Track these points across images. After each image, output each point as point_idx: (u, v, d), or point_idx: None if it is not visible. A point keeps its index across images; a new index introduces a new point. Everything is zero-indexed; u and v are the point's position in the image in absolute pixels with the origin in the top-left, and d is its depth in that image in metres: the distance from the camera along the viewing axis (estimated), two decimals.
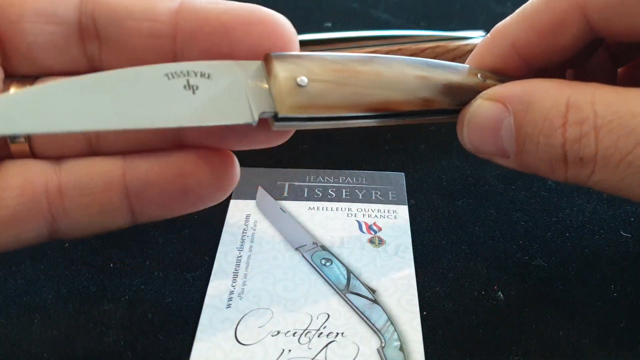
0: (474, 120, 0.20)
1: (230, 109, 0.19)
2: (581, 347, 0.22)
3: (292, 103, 0.19)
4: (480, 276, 0.25)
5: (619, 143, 0.17)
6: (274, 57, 0.20)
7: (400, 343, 0.22)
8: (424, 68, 0.21)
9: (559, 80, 0.19)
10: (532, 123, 0.18)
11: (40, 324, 0.23)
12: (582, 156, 0.17)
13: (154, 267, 0.25)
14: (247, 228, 0.27)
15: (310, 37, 0.34)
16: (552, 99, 0.18)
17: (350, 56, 0.21)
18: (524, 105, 0.19)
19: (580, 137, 0.17)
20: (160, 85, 0.19)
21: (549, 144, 0.18)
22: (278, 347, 0.21)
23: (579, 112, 0.17)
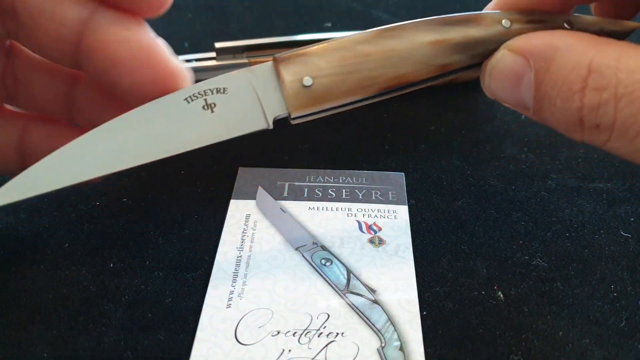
0: (496, 71, 0.20)
1: (246, 119, 0.20)
2: (581, 347, 0.22)
3: (302, 104, 0.20)
4: (480, 276, 0.25)
5: (639, 115, 0.16)
6: (280, 59, 0.20)
7: (400, 343, 0.22)
8: (439, 29, 0.20)
9: (585, 36, 0.18)
10: (551, 83, 0.18)
11: (40, 324, 0.23)
12: (599, 123, 0.17)
13: (154, 267, 0.25)
14: (247, 228, 0.27)
15: (310, 37, 0.34)
16: (573, 60, 0.17)
17: (358, 37, 0.20)
18: (545, 63, 0.18)
19: (599, 105, 0.17)
20: (181, 110, 0.20)
21: (566, 108, 0.18)
22: (278, 347, 0.21)
23: (600, 78, 0.17)
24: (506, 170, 0.31)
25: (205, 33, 0.45)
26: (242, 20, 0.47)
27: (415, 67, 0.20)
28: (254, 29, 0.46)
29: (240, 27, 0.46)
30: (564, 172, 0.31)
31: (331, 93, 0.20)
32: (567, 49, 0.18)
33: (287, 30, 0.45)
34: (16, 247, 0.26)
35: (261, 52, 0.34)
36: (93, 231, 0.27)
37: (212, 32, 0.45)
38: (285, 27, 0.46)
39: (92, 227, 0.27)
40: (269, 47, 0.34)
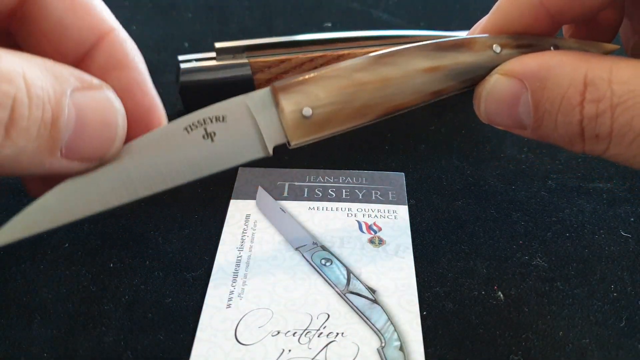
0: (491, 97, 0.20)
1: (246, 148, 0.21)
2: (581, 347, 0.22)
3: (302, 133, 0.21)
4: (480, 276, 0.25)
5: (633, 122, 0.17)
6: (278, 88, 0.20)
7: (400, 343, 0.22)
8: (432, 56, 0.21)
9: (575, 54, 0.19)
10: (550, 100, 0.19)
11: (40, 324, 0.23)
12: (598, 133, 0.18)
13: (154, 267, 0.25)
14: (247, 228, 0.27)
15: (310, 37, 0.34)
16: (569, 76, 0.18)
17: (354, 65, 0.21)
18: (541, 82, 0.19)
19: (597, 115, 0.18)
20: (181, 140, 0.20)
21: (567, 122, 0.18)
22: (278, 347, 0.21)
23: (596, 90, 0.18)
24: (506, 170, 0.31)
25: (205, 33, 0.45)
26: (242, 20, 0.47)
27: (410, 95, 0.21)
28: (254, 29, 0.46)
29: (240, 27, 0.46)
30: (564, 172, 0.31)
31: (330, 122, 0.21)
32: (560, 67, 0.19)
33: (287, 30, 0.45)
34: (16, 247, 0.26)
35: (261, 52, 0.34)
36: (93, 231, 0.27)
37: (212, 32, 0.45)
38: (285, 27, 0.46)
39: (92, 227, 0.27)
40: (269, 47, 0.34)
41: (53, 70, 0.17)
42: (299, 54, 0.33)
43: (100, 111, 0.18)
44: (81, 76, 0.18)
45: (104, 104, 0.18)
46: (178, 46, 0.43)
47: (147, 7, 0.49)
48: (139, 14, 0.48)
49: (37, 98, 0.16)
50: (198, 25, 0.46)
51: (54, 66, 0.17)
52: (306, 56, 0.33)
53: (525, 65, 0.20)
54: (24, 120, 0.16)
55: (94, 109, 0.18)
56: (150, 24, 0.46)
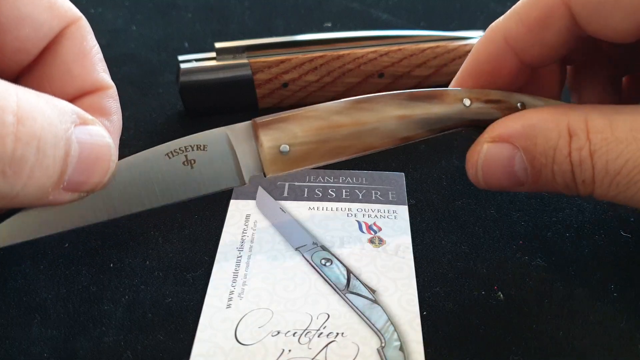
0: (487, 164, 0.22)
1: (224, 177, 0.22)
2: (581, 347, 0.22)
3: (278, 168, 0.22)
4: (480, 276, 0.25)
5: (608, 166, 0.19)
6: (259, 124, 0.22)
7: (400, 343, 0.22)
8: (406, 104, 0.22)
9: (550, 109, 0.21)
10: (544, 154, 0.20)
11: (40, 324, 0.23)
12: (584, 179, 0.20)
13: (154, 267, 0.25)
14: (247, 228, 0.27)
15: (310, 37, 0.34)
16: (556, 129, 0.20)
17: (332, 107, 0.22)
18: (531, 140, 0.21)
19: (580, 162, 0.20)
20: (162, 165, 0.21)
21: (562, 170, 0.20)
22: (278, 347, 0.21)
23: (578, 139, 0.20)
24: None
25: (205, 33, 0.45)
26: (242, 20, 0.47)
27: (381, 139, 0.22)
28: (254, 29, 0.46)
29: (240, 27, 0.46)
30: None
31: (305, 159, 0.22)
32: (544, 122, 0.20)
33: (287, 30, 0.45)
34: (16, 247, 0.26)
35: (261, 52, 0.34)
36: (93, 231, 0.27)
37: (212, 32, 0.45)
38: (285, 27, 0.46)
39: (92, 227, 0.27)
40: (269, 47, 0.34)
41: (58, 106, 0.17)
42: (299, 54, 0.33)
43: (96, 146, 0.19)
44: (78, 111, 0.18)
45: (98, 139, 0.19)
46: (178, 46, 0.43)
47: (147, 7, 0.49)
48: (139, 14, 0.48)
49: (56, 137, 0.17)
50: (198, 25, 0.46)
51: (57, 102, 0.18)
52: (306, 56, 0.33)
53: (510, 128, 0.21)
54: (46, 159, 0.16)
55: (90, 143, 0.19)
56: (150, 24, 0.46)
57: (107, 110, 0.23)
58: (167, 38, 0.44)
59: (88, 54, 0.23)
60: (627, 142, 0.19)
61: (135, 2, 0.49)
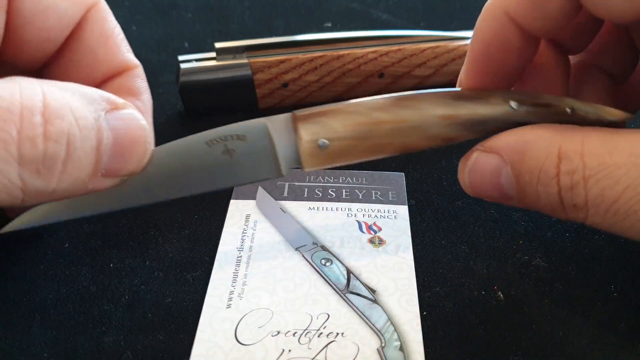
0: (473, 172, 0.21)
1: (262, 168, 0.22)
2: (581, 347, 0.22)
3: (316, 162, 0.22)
4: (480, 276, 0.25)
5: (605, 193, 0.18)
6: (299, 118, 0.21)
7: (400, 343, 0.22)
8: (451, 104, 0.22)
9: (552, 127, 0.20)
10: (529, 172, 0.20)
11: (40, 324, 0.23)
12: (575, 203, 0.19)
13: (154, 267, 0.25)
14: (247, 228, 0.27)
15: (310, 38, 0.34)
16: (545, 150, 0.19)
17: (374, 103, 0.21)
18: (518, 156, 0.20)
19: (572, 187, 0.19)
20: (202, 153, 0.21)
21: (547, 192, 0.19)
22: (278, 347, 0.21)
23: (569, 163, 0.19)
24: None
25: (205, 33, 0.45)
26: (242, 20, 0.47)
27: (422, 138, 0.22)
28: (254, 29, 0.46)
29: (241, 27, 0.46)
30: None
31: (343, 155, 0.22)
32: (537, 141, 0.20)
33: (287, 30, 0.45)
34: (16, 247, 0.26)
35: (261, 52, 0.34)
36: (93, 231, 0.27)
37: (212, 32, 0.45)
38: (285, 27, 0.46)
39: (92, 227, 0.27)
40: (269, 47, 0.34)
41: (87, 96, 0.17)
42: (299, 54, 0.33)
43: (130, 129, 0.19)
44: (108, 97, 0.18)
45: (132, 123, 0.19)
46: (178, 46, 0.43)
47: (147, 7, 0.49)
48: (139, 14, 0.48)
49: (85, 129, 0.17)
50: (198, 25, 0.46)
51: (86, 91, 0.18)
52: (306, 56, 0.33)
53: (503, 141, 0.20)
54: (77, 153, 0.17)
55: (124, 128, 0.19)
56: (150, 24, 0.46)
57: (137, 90, 0.23)
58: (167, 38, 0.44)
59: (111, 35, 0.22)
60: (626, 168, 0.18)
61: (135, 2, 0.49)
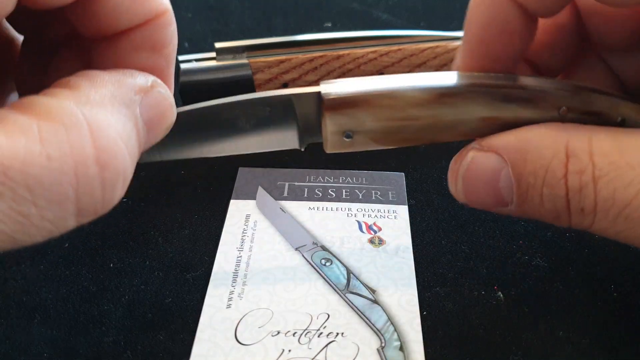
0: (469, 174, 0.19)
1: (283, 138, 0.21)
2: (581, 347, 0.22)
3: (336, 148, 0.21)
4: (480, 276, 0.25)
5: (616, 195, 0.16)
6: (328, 107, 0.20)
7: (400, 343, 0.22)
8: (496, 106, 0.19)
9: (553, 125, 0.18)
10: (533, 173, 0.18)
11: (40, 324, 0.23)
12: (583, 207, 0.17)
13: (154, 267, 0.25)
14: (247, 228, 0.27)
15: (310, 37, 0.34)
16: (551, 147, 0.17)
17: (412, 98, 0.19)
18: (521, 155, 0.18)
19: (581, 188, 0.17)
20: (222, 117, 0.21)
21: (554, 195, 0.17)
22: (278, 347, 0.21)
23: (578, 162, 0.17)
24: None
25: (205, 33, 0.45)
26: (242, 20, 0.47)
27: (454, 135, 0.20)
28: (254, 29, 0.46)
29: (240, 27, 0.46)
30: None
31: (367, 145, 0.20)
32: (540, 138, 0.18)
33: (287, 30, 0.45)
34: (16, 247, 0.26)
35: (261, 52, 0.34)
36: (93, 231, 0.27)
37: (212, 32, 0.45)
38: (285, 27, 0.46)
39: (92, 227, 0.27)
40: (269, 47, 0.34)
41: (124, 100, 0.16)
42: (299, 54, 0.33)
43: (160, 110, 0.18)
44: (139, 86, 0.17)
45: (161, 102, 0.18)
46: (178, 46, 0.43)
47: None
48: None
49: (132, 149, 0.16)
50: (198, 25, 0.46)
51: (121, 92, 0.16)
52: (306, 56, 0.33)
53: (502, 139, 0.19)
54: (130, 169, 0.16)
55: (155, 112, 0.18)
56: None
57: (161, 43, 0.20)
58: None
59: None
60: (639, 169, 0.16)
61: None
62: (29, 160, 0.13)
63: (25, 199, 0.13)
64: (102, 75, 0.16)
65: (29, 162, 0.13)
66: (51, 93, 0.15)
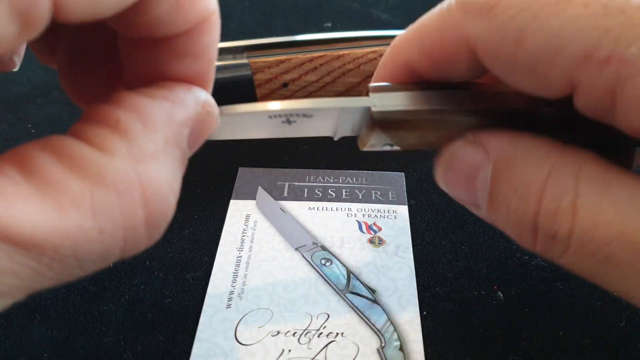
0: (452, 161, 0.19)
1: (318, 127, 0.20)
2: (581, 347, 0.22)
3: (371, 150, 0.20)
4: (480, 276, 0.25)
5: (597, 230, 0.15)
6: (378, 122, 0.19)
7: (400, 343, 0.22)
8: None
9: (549, 142, 0.17)
10: (509, 180, 0.17)
11: (40, 324, 0.23)
12: (556, 233, 0.16)
13: (154, 267, 0.25)
14: (247, 228, 0.27)
15: (310, 38, 0.34)
16: (536, 159, 0.16)
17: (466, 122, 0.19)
18: (506, 157, 0.17)
19: (557, 212, 0.16)
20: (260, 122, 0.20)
21: (521, 209, 0.16)
22: (278, 347, 0.21)
23: (561, 184, 0.16)
24: None
25: None
26: (242, 20, 0.47)
27: None
28: (253, 29, 0.46)
29: (240, 27, 0.46)
30: None
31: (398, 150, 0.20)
32: (530, 149, 0.17)
33: (287, 30, 0.45)
34: None
35: (261, 52, 0.34)
36: None
37: None
38: (285, 27, 0.46)
39: None
40: (268, 47, 0.34)
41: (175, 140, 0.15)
42: (299, 54, 0.33)
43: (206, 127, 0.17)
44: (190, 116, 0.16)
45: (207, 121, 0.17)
46: None
47: None
48: None
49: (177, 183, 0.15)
50: None
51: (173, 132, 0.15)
52: (306, 56, 0.33)
53: (496, 137, 0.18)
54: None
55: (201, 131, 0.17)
56: None
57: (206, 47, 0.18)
58: None
59: None
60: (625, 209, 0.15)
61: None
62: (81, 237, 0.13)
63: (72, 265, 0.13)
64: (151, 110, 0.15)
65: (80, 239, 0.13)
66: (102, 140, 0.14)
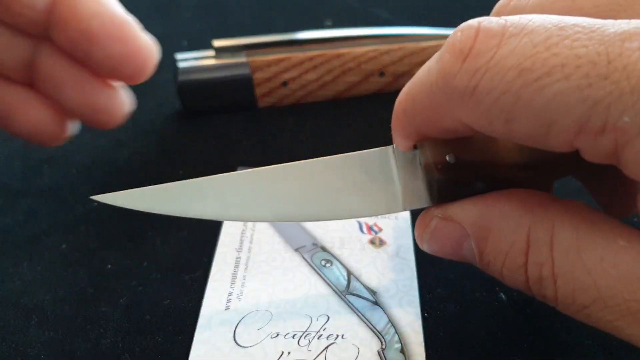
0: (433, 239, 0.19)
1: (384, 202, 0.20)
2: (584, 348, 0.22)
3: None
4: (482, 277, 0.25)
5: (575, 296, 0.16)
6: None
7: (401, 345, 0.21)
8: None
9: (519, 202, 0.17)
10: (494, 253, 0.18)
11: (37, 326, 0.22)
12: (545, 295, 0.17)
13: (152, 269, 0.25)
14: (246, 229, 0.26)
15: (310, 36, 0.34)
16: (512, 233, 0.17)
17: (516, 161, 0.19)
18: (482, 233, 0.18)
19: (541, 279, 0.17)
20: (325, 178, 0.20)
21: (513, 278, 0.17)
22: (277, 349, 0.21)
23: (538, 254, 0.17)
24: None
25: (204, 31, 0.45)
26: (241, 18, 0.47)
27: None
28: (253, 27, 0.45)
29: (239, 26, 0.46)
30: None
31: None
32: (504, 218, 0.17)
33: (286, 29, 0.45)
34: (14, 249, 0.26)
35: (260, 50, 0.33)
36: (90, 232, 0.27)
37: (211, 30, 0.45)
38: (284, 26, 0.46)
39: (90, 228, 0.27)
40: (268, 46, 0.34)
41: None
42: (299, 53, 0.33)
43: None
44: None
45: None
46: (177, 44, 0.43)
47: (146, 5, 0.48)
48: (137, 12, 0.47)
49: None
50: (197, 23, 0.46)
51: None
52: (306, 55, 0.33)
53: (466, 212, 0.18)
54: None
55: None
56: (148, 22, 0.46)
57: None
58: (166, 36, 0.44)
59: None
60: (595, 276, 0.16)
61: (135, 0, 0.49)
62: None
63: None
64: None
65: None
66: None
